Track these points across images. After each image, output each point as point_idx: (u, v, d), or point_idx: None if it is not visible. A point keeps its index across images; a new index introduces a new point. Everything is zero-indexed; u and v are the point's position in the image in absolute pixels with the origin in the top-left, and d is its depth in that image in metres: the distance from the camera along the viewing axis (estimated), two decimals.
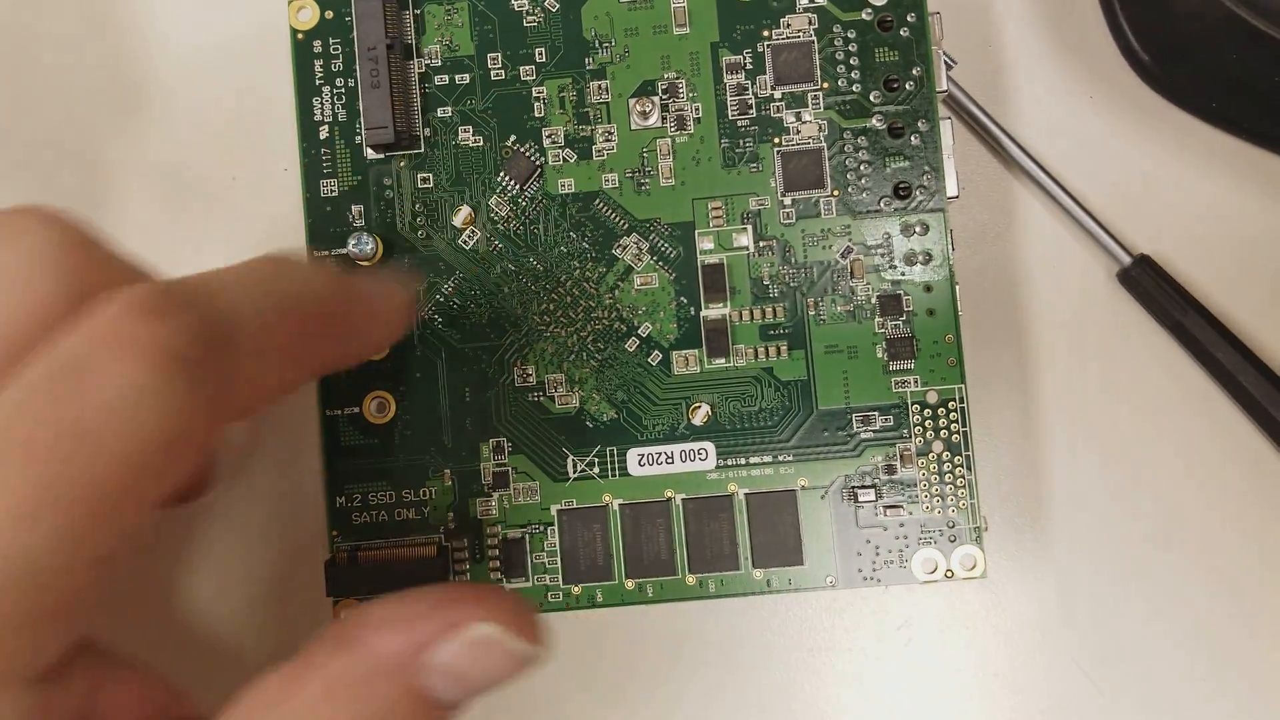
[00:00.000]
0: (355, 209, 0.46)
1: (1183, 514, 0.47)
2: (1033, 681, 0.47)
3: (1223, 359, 0.46)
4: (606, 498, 0.45)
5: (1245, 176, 0.47)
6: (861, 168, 0.45)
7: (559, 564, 0.45)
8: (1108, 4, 0.48)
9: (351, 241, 0.45)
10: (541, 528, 0.45)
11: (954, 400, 0.45)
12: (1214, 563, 0.47)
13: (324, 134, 0.46)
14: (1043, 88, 0.49)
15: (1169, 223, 0.48)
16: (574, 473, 0.45)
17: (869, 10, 0.45)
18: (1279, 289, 0.47)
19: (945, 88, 0.45)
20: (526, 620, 0.31)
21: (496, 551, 0.45)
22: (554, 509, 0.45)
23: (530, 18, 0.46)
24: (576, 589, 0.45)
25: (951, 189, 0.45)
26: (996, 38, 0.49)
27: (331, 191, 0.46)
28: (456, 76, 0.46)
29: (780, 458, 0.45)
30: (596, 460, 0.45)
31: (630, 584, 0.45)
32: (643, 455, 0.45)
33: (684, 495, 0.45)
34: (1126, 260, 0.47)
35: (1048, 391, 0.48)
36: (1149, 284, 0.47)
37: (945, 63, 0.45)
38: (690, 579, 0.44)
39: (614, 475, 0.45)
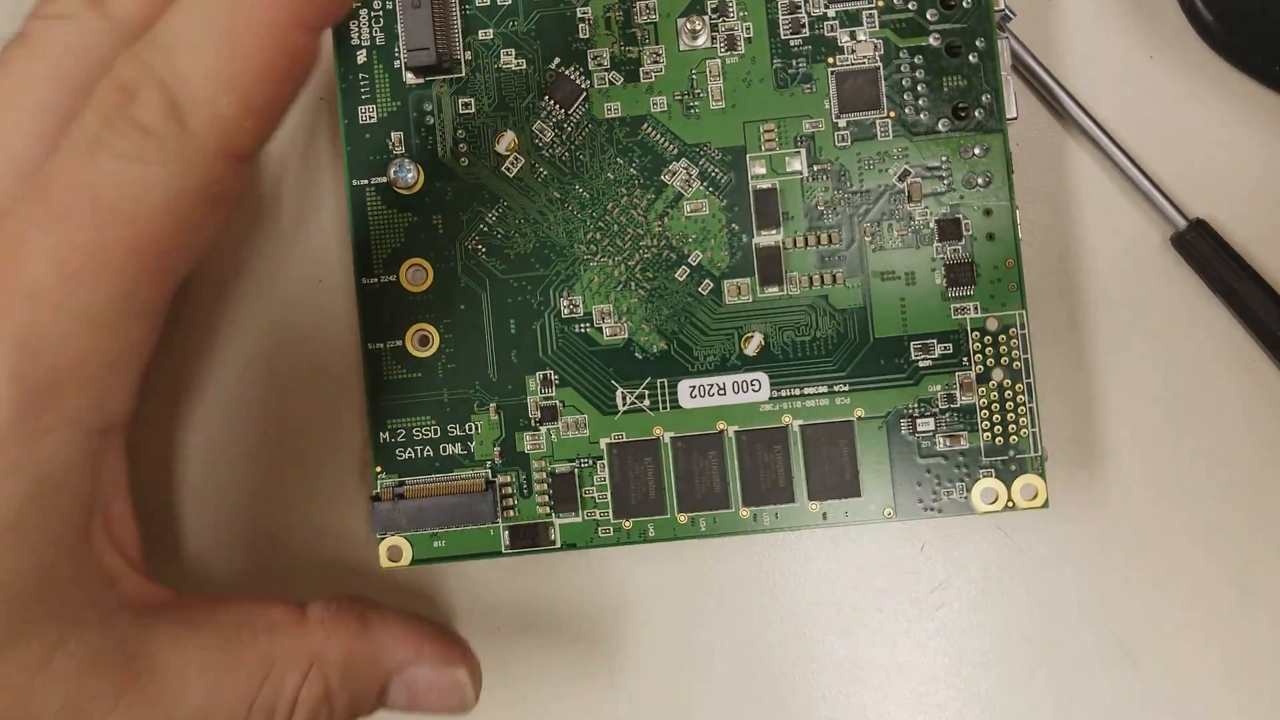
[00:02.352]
0: (395, 136, 0.37)
1: (1232, 485, 0.38)
2: (1070, 653, 0.38)
3: (1277, 329, 0.37)
4: (657, 431, 0.36)
5: None
6: (919, 88, 0.36)
7: (609, 498, 0.36)
8: None
9: (393, 169, 0.36)
10: (591, 461, 0.36)
11: (1015, 327, 0.36)
12: (1265, 536, 0.38)
13: (361, 59, 0.37)
14: (1102, 45, 0.37)
15: (1226, 188, 0.37)
16: (624, 406, 0.36)
17: None
18: None
19: (1002, 6, 0.37)
20: (478, 681, 0.33)
21: (545, 486, 0.36)
22: (603, 442, 0.36)
23: None
24: (628, 524, 0.36)
25: (1011, 110, 0.37)
26: None
27: (370, 118, 0.37)
28: None
29: (836, 388, 0.36)
30: (646, 393, 0.36)
31: (683, 518, 0.36)
32: (694, 387, 0.36)
33: (737, 427, 0.36)
34: (1181, 224, 0.36)
35: (1099, 355, 0.39)
36: (1204, 249, 0.36)
37: (1004, 14, 0.36)
38: (744, 512, 0.36)
39: (665, 408, 0.36)
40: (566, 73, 0.34)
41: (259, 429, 0.38)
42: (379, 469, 0.34)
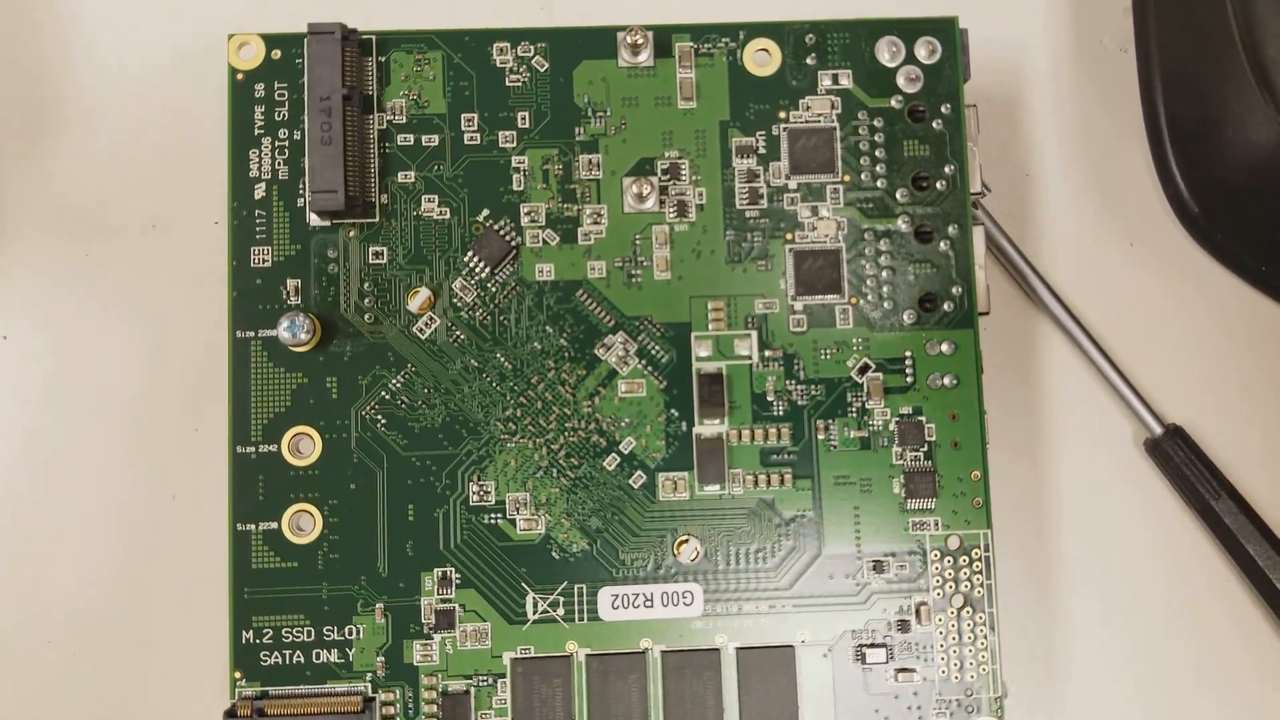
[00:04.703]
0: (291, 284, 0.31)
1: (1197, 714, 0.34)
2: None
3: (1254, 552, 0.32)
4: (571, 646, 0.31)
5: None
6: (883, 274, 0.32)
7: None
8: (1158, 146, 0.34)
9: (283, 324, 0.31)
10: (491, 679, 0.30)
11: (979, 548, 0.32)
12: None
13: (259, 193, 0.32)
14: (1080, 229, 0.34)
15: (1206, 391, 0.33)
16: (534, 614, 0.31)
17: (899, 98, 0.32)
18: None
19: (979, 189, 0.33)
20: None
21: (435, 707, 0.30)
22: (507, 657, 0.30)
23: (514, 76, 0.32)
24: None
25: (983, 304, 0.33)
26: (1036, 169, 0.35)
27: (264, 261, 0.31)
28: (423, 137, 0.32)
29: (778, 606, 0.31)
30: (562, 600, 0.31)
31: None
32: (617, 596, 0.31)
33: (664, 647, 0.31)
34: (1157, 430, 0.33)
35: (1063, 572, 0.35)
36: (1180, 458, 0.32)
37: (980, 192, 0.33)
38: None
39: (582, 619, 0.31)
40: (495, 227, 0.29)
41: (100, 611, 0.31)
42: (238, 675, 0.28)
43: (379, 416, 0.29)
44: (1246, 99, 0.31)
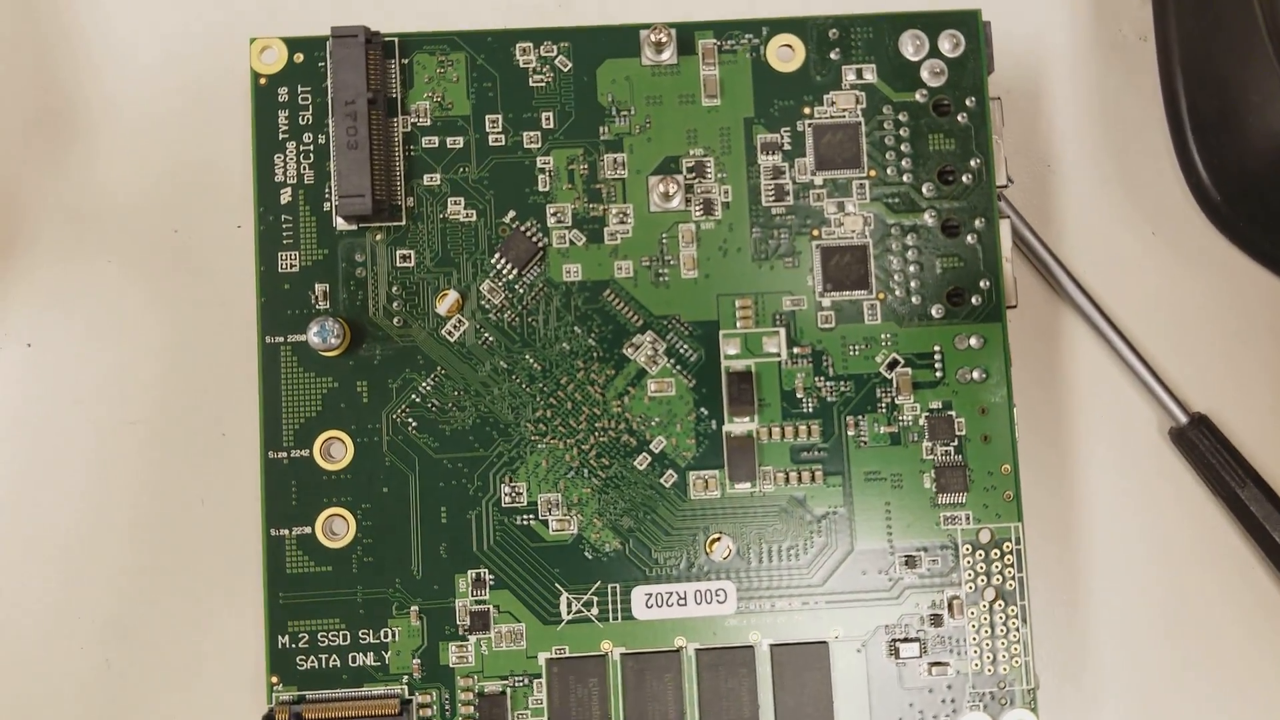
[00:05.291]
0: (319, 288, 0.31)
1: (1231, 709, 0.34)
2: None
3: None
4: (606, 645, 0.31)
5: None
6: (911, 269, 0.32)
7: None
8: (1179, 135, 0.33)
9: (313, 329, 0.31)
10: (527, 680, 0.30)
11: (1010, 541, 0.32)
12: None
13: (285, 198, 0.31)
14: (1102, 219, 0.34)
15: (1230, 379, 0.33)
16: (568, 614, 0.31)
17: (924, 91, 0.32)
18: None
19: (1005, 182, 0.33)
20: None
21: (471, 708, 0.30)
22: (542, 658, 0.31)
23: (537, 76, 0.32)
24: None
25: (1011, 298, 0.33)
26: (1057, 160, 0.35)
27: (291, 266, 0.31)
28: (448, 139, 0.32)
29: (811, 603, 0.31)
30: (596, 600, 0.31)
31: None
32: (651, 595, 0.31)
33: (698, 645, 0.31)
34: (1181, 418, 0.33)
35: (1093, 562, 0.35)
36: (1205, 447, 0.32)
37: (1004, 181, 0.32)
38: None
39: (616, 618, 0.31)
40: (522, 228, 0.29)
41: (134, 617, 0.31)
42: (275, 680, 0.28)
43: (410, 419, 0.29)
44: (1268, 87, 0.31)
